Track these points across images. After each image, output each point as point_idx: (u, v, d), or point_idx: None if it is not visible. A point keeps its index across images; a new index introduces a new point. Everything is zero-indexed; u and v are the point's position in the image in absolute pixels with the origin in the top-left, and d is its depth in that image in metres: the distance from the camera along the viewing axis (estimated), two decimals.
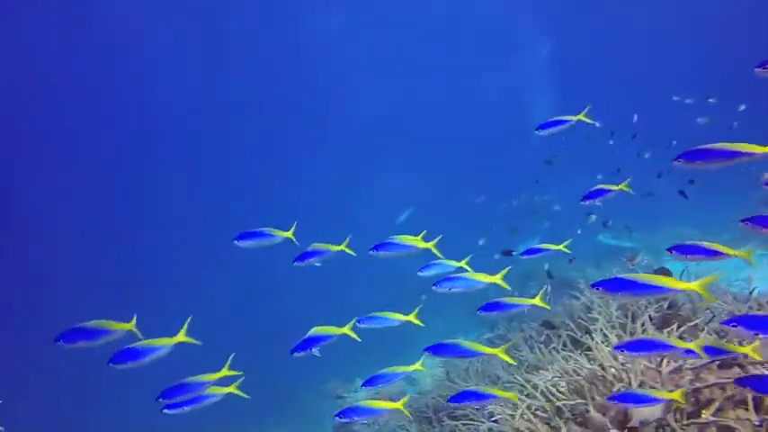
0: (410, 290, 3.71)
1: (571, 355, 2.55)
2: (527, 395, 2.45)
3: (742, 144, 2.04)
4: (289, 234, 3.04)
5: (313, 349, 2.67)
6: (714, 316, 3.00)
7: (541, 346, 3.10)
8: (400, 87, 18.21)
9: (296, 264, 3.04)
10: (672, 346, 1.81)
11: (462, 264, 2.92)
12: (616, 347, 1.81)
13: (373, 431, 4.61)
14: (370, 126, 17.45)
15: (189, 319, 2.47)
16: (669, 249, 2.29)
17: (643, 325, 2.80)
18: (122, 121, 17.09)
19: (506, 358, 2.40)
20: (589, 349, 2.51)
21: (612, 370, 2.08)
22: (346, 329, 2.80)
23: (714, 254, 2.12)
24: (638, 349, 1.79)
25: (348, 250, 3.07)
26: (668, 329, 2.80)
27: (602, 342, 2.51)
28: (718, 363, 2.32)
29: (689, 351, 1.81)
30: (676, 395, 1.77)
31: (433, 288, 2.72)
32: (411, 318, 2.86)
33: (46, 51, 14.88)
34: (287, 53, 18.40)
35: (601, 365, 2.08)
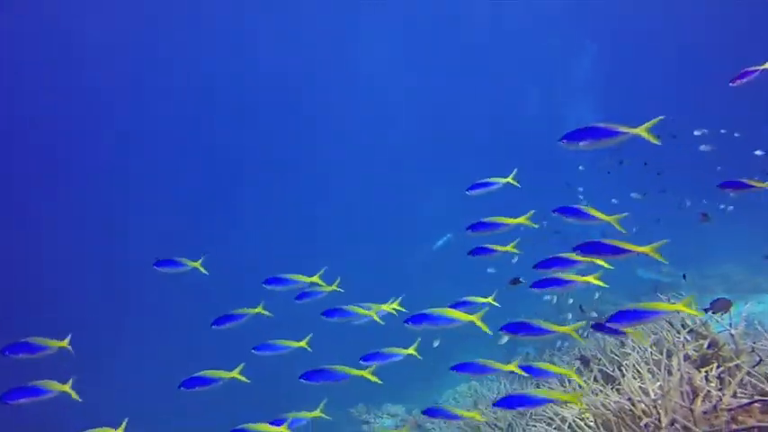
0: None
1: (601, 389, 2.51)
2: (555, 428, 2.42)
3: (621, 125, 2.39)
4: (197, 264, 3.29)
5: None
6: (761, 360, 2.86)
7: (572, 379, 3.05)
8: (442, 104, 18.34)
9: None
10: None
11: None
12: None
13: None
14: (409, 145, 17.64)
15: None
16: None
17: (679, 363, 2.72)
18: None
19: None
20: (620, 384, 2.46)
21: (642, 405, 2.04)
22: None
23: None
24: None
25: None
26: (707, 369, 2.70)
27: (634, 378, 2.46)
28: (758, 405, 2.23)
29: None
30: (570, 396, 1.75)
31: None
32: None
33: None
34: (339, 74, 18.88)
35: (630, 400, 2.05)
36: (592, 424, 2.24)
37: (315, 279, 3.29)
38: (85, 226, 15.15)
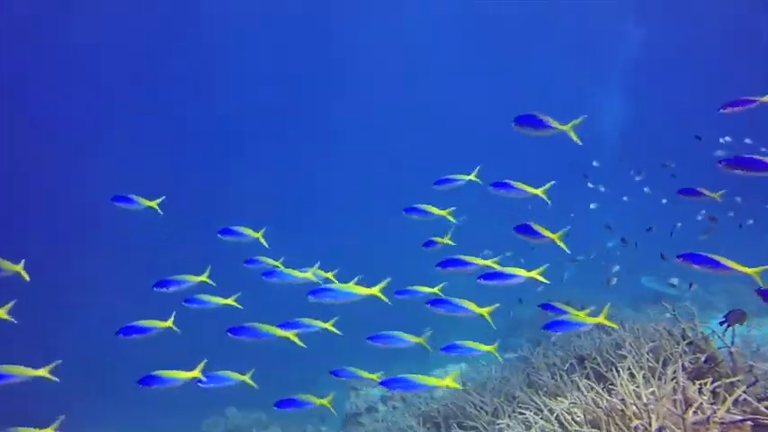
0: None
1: (593, 386, 2.51)
2: (542, 418, 2.44)
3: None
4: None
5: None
6: (756, 381, 2.84)
7: (563, 373, 3.06)
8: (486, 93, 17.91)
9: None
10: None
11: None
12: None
13: (382, 428, 4.66)
14: (428, 137, 17.37)
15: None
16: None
17: (674, 372, 2.71)
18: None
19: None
20: (612, 385, 2.46)
21: (634, 408, 2.04)
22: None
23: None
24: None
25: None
26: (702, 382, 2.70)
27: (628, 381, 2.46)
28: (751, 422, 2.22)
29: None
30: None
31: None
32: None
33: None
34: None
35: (623, 400, 2.05)
36: (579, 419, 2.25)
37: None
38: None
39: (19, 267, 2.89)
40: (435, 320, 3.22)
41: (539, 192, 3.10)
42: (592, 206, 7.05)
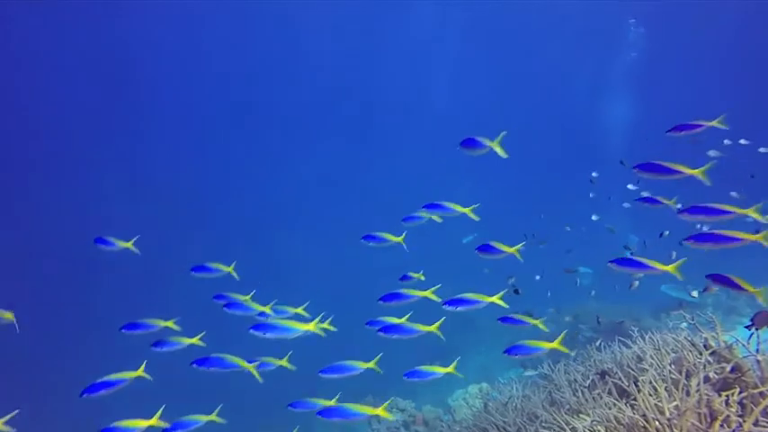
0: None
1: (615, 402, 2.48)
2: None
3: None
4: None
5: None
6: None
7: (585, 390, 3.02)
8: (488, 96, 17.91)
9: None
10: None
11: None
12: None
13: None
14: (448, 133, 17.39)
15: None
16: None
17: (698, 384, 2.65)
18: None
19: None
20: (635, 400, 2.42)
21: (657, 423, 2.01)
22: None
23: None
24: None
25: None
26: (728, 393, 2.63)
27: (650, 395, 2.42)
28: None
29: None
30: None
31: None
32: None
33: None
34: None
35: (644, 416, 2.02)
36: None
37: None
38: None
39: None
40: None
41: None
42: (594, 218, 6.96)
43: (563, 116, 17.23)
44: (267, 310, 3.39)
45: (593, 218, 6.94)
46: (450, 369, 3.07)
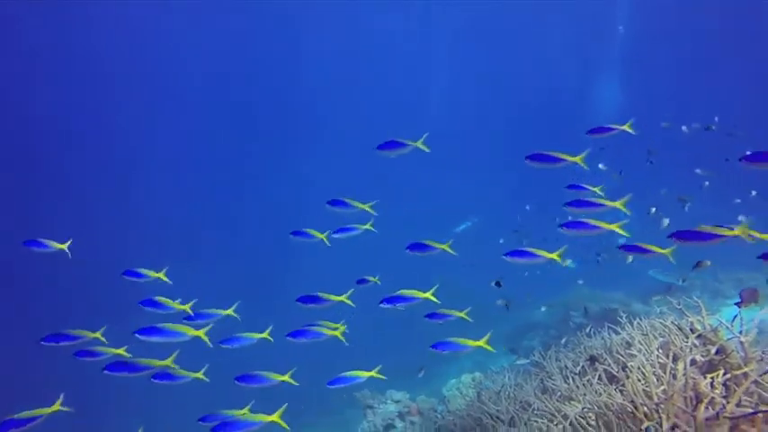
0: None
1: (605, 389, 2.53)
2: (556, 424, 2.45)
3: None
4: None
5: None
6: None
7: (576, 377, 3.07)
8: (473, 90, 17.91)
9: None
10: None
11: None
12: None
13: None
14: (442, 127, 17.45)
15: None
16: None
17: (684, 367, 2.71)
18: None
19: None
20: (624, 385, 2.47)
21: (645, 408, 2.06)
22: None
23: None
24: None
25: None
26: (713, 375, 2.69)
27: (639, 380, 2.47)
28: (762, 415, 2.22)
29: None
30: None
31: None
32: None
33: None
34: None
35: (632, 402, 2.07)
36: (593, 423, 2.26)
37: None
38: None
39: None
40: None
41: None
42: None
43: (551, 106, 17.33)
44: (187, 309, 3.39)
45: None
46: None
